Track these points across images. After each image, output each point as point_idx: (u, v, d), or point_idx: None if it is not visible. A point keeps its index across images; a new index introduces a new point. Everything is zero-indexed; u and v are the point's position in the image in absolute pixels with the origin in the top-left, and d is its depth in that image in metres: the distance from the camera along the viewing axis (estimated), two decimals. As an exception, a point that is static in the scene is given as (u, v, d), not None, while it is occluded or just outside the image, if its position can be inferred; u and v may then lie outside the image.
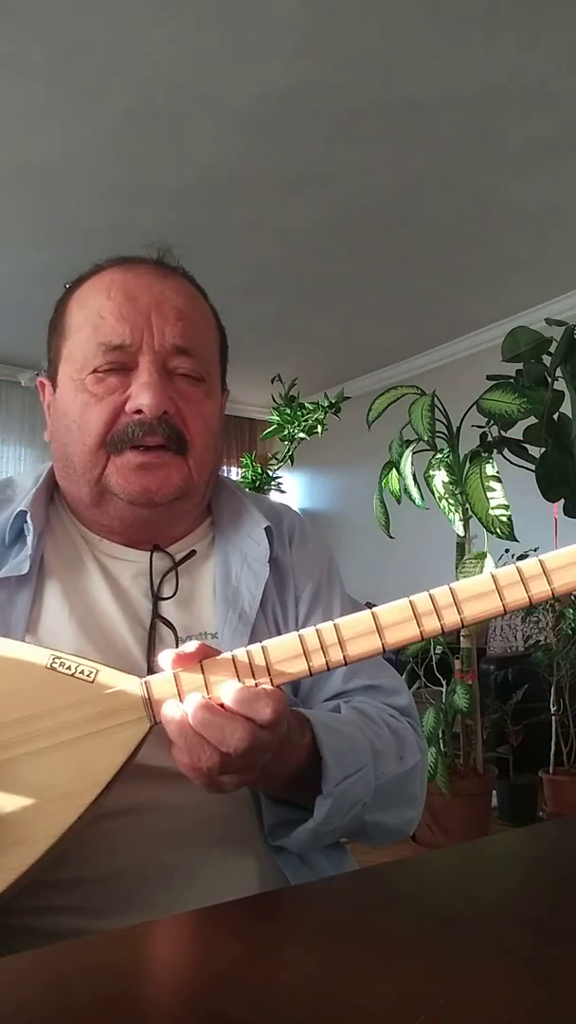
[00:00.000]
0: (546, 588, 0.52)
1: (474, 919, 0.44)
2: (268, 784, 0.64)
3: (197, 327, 0.75)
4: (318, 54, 2.44)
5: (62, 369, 0.75)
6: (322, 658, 0.52)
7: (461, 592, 0.53)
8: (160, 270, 0.77)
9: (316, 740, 0.63)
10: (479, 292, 4.26)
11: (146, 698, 0.52)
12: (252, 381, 5.53)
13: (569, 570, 0.52)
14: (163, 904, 0.65)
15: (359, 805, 0.66)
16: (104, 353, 0.71)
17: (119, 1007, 0.36)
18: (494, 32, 2.36)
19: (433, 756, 2.38)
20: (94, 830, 0.65)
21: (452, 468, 2.48)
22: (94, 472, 0.72)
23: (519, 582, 0.52)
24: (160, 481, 0.72)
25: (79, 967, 0.41)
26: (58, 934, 0.63)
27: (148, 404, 0.70)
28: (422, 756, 0.77)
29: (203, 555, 0.79)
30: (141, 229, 3.55)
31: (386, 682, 0.80)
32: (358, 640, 0.53)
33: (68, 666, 0.53)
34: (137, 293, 0.73)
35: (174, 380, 0.73)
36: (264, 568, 0.77)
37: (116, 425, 0.71)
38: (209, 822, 0.69)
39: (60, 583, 0.74)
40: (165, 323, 0.72)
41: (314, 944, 0.41)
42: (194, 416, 0.74)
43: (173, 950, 0.43)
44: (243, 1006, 0.35)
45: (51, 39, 2.33)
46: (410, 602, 0.53)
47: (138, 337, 0.71)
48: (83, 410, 0.72)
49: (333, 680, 0.78)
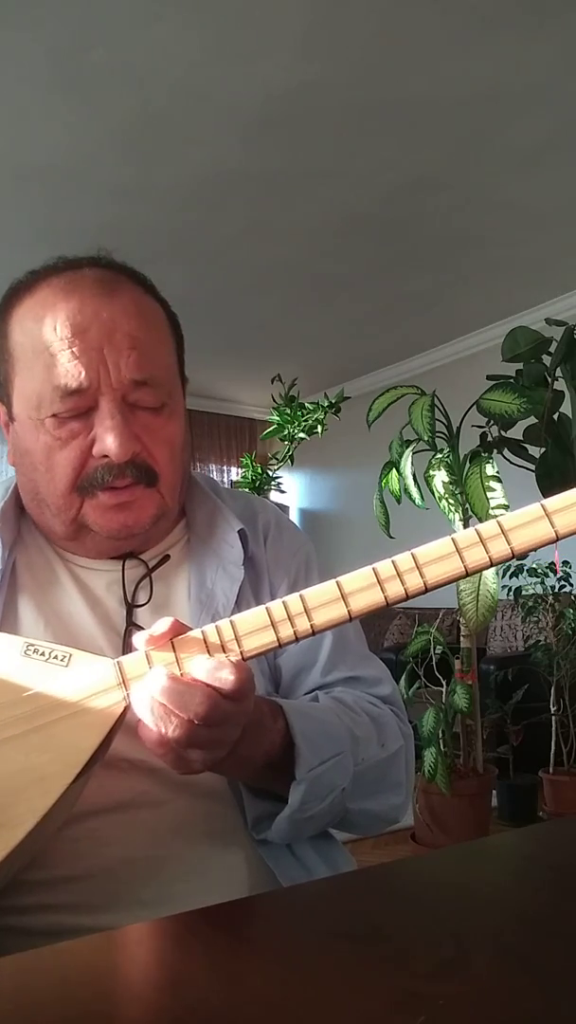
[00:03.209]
0: (506, 548, 0.52)
1: (474, 919, 0.44)
2: (243, 770, 0.64)
3: (151, 350, 0.71)
4: (318, 54, 2.44)
5: (16, 402, 0.72)
6: (289, 628, 0.53)
7: (422, 556, 0.53)
8: (104, 285, 0.71)
9: (289, 727, 0.63)
10: (479, 292, 4.27)
11: (120, 678, 0.53)
12: (252, 381, 5.54)
13: (526, 529, 0.53)
14: (152, 900, 0.66)
15: (337, 791, 0.66)
16: (62, 399, 0.68)
17: (119, 1007, 0.36)
18: (494, 32, 2.36)
19: (433, 756, 2.38)
20: (81, 827, 0.66)
21: (452, 468, 2.48)
22: (70, 512, 0.71)
23: (479, 543, 0.53)
24: (135, 517, 0.71)
25: (79, 967, 0.41)
26: (47, 932, 0.64)
27: (115, 451, 0.68)
28: (406, 741, 0.77)
29: (177, 559, 0.79)
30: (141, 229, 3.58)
31: (368, 673, 0.80)
32: (324, 608, 0.53)
33: (42, 652, 0.55)
34: (85, 324, 0.68)
35: (136, 413, 0.70)
36: (239, 570, 0.77)
37: (85, 469, 0.70)
38: (195, 817, 0.70)
39: (32, 597, 0.74)
40: (119, 356, 0.68)
41: (314, 944, 0.41)
42: (160, 446, 0.72)
43: (173, 950, 0.43)
44: (243, 1006, 0.35)
45: (51, 39, 2.33)
46: (373, 569, 0.54)
47: (94, 377, 0.68)
48: (47, 453, 0.70)
49: (313, 673, 0.78)
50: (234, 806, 0.71)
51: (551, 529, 0.52)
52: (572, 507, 0.52)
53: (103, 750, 0.54)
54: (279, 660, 0.79)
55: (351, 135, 2.87)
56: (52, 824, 0.53)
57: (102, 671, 0.54)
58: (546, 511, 0.52)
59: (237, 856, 0.70)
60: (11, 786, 0.51)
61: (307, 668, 0.78)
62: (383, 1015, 0.34)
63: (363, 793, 0.70)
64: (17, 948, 0.42)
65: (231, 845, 0.71)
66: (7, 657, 0.55)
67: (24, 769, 0.51)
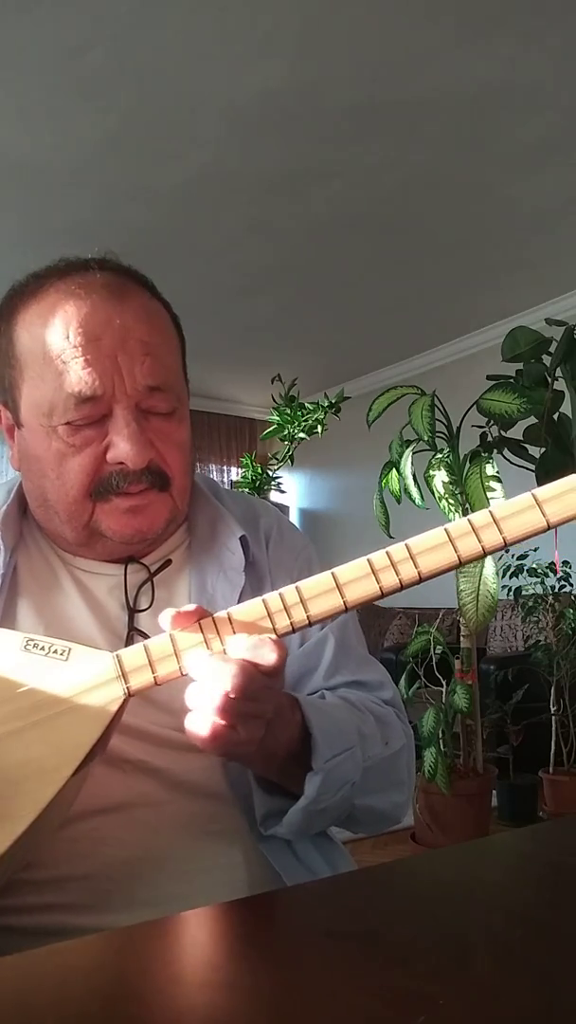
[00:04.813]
0: (498, 537, 0.53)
1: (474, 919, 0.44)
2: (266, 763, 0.65)
3: (163, 355, 0.72)
4: (317, 54, 2.44)
5: (25, 409, 0.72)
6: (286, 619, 0.54)
7: (416, 546, 0.54)
8: (114, 291, 0.70)
9: (305, 718, 0.64)
10: (479, 292, 4.27)
11: (119, 671, 0.54)
12: (252, 381, 5.54)
13: (517, 518, 0.53)
14: (152, 900, 0.66)
15: (348, 785, 0.66)
16: (76, 407, 0.68)
17: (119, 1007, 0.36)
18: (494, 32, 2.36)
19: (433, 756, 2.38)
20: (81, 827, 0.66)
21: (452, 468, 2.48)
22: (82, 519, 0.71)
23: (471, 532, 0.53)
24: (149, 522, 0.72)
25: (79, 967, 0.41)
26: (47, 932, 0.64)
27: (132, 458, 0.68)
28: (408, 741, 0.78)
29: (179, 564, 0.79)
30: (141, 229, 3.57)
31: (370, 677, 0.80)
32: (319, 599, 0.54)
33: (41, 646, 0.55)
34: (99, 332, 0.68)
35: (149, 419, 0.71)
36: (240, 576, 0.77)
37: (99, 474, 0.70)
38: (195, 817, 0.70)
39: (34, 601, 0.74)
40: (133, 363, 0.68)
41: (314, 944, 0.41)
42: (172, 450, 0.73)
43: (173, 950, 0.43)
44: (243, 1006, 0.35)
45: (51, 39, 2.33)
46: (368, 560, 0.54)
47: (108, 384, 0.68)
48: (59, 460, 0.70)
49: (315, 678, 0.78)
50: (234, 806, 0.71)
51: (542, 518, 0.53)
52: (562, 495, 0.53)
53: (103, 743, 0.54)
54: None
55: (351, 135, 2.87)
56: (53, 818, 0.53)
57: (101, 665, 0.54)
58: (537, 500, 0.53)
59: (237, 856, 0.71)
60: (12, 779, 0.51)
61: (310, 673, 0.78)
62: (383, 1015, 0.34)
63: (368, 790, 0.70)
64: (16, 948, 0.42)
65: (231, 845, 0.71)
66: (7, 652, 0.55)
67: (25, 762, 0.52)
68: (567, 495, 0.53)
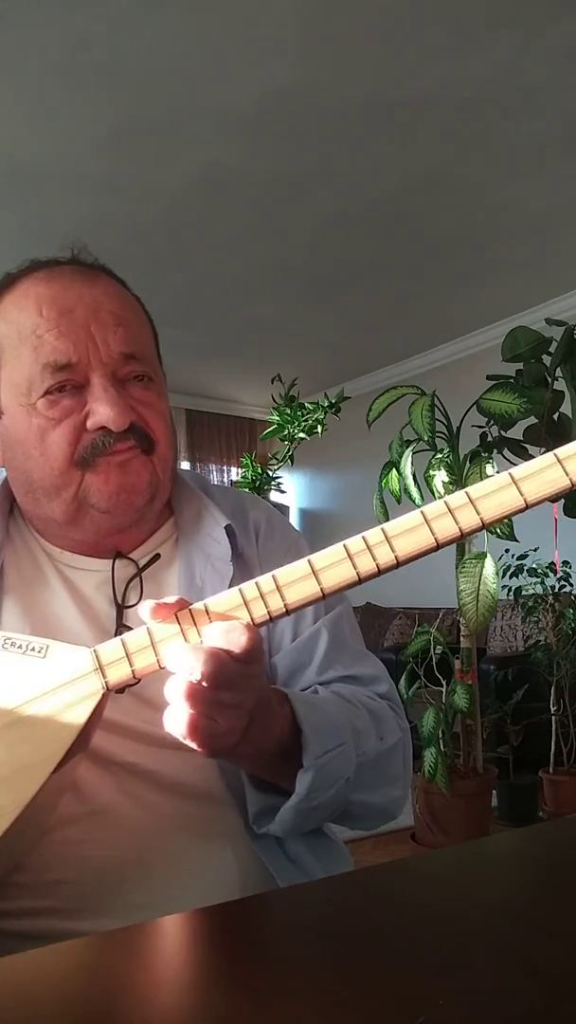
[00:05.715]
0: (475, 517, 0.52)
1: (474, 919, 0.44)
2: (255, 760, 0.64)
3: (135, 328, 0.73)
4: (318, 54, 2.44)
5: (5, 394, 0.72)
6: (263, 607, 0.53)
7: (392, 529, 0.53)
8: (84, 274, 0.73)
9: (295, 714, 0.63)
10: (479, 292, 4.27)
11: (96, 664, 0.54)
12: (252, 381, 5.55)
13: (494, 497, 0.52)
14: (143, 903, 0.66)
15: (341, 781, 0.66)
16: (52, 374, 0.68)
17: (119, 1007, 0.36)
18: (494, 32, 2.36)
19: (433, 756, 2.37)
20: (71, 830, 0.66)
21: (452, 468, 2.48)
22: (69, 490, 0.71)
23: (447, 513, 0.52)
24: (133, 480, 0.71)
25: (79, 967, 0.41)
26: (38, 936, 0.64)
27: (113, 419, 0.68)
28: (403, 735, 0.77)
29: (167, 558, 0.78)
30: (140, 229, 3.57)
31: (364, 671, 0.79)
32: (295, 586, 0.53)
33: (19, 645, 0.55)
34: (70, 305, 0.69)
35: (127, 387, 0.72)
36: (228, 567, 0.77)
37: (81, 443, 0.70)
38: (186, 819, 0.70)
39: (20, 599, 0.73)
40: (107, 332, 0.70)
41: (313, 944, 0.41)
42: (154, 416, 0.73)
43: (172, 950, 0.43)
44: (243, 1007, 0.35)
45: (50, 39, 2.33)
46: (344, 545, 0.53)
47: (83, 352, 0.69)
48: (41, 435, 0.70)
49: (309, 672, 0.77)
50: (225, 807, 0.71)
51: (519, 497, 0.51)
52: (539, 473, 0.51)
53: (84, 738, 0.54)
54: (274, 659, 0.78)
55: (351, 135, 2.87)
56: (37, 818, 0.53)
57: (79, 660, 0.54)
58: (513, 479, 0.52)
59: (228, 857, 0.70)
60: None
61: (303, 667, 0.77)
62: (383, 1015, 0.34)
63: (363, 785, 0.69)
64: (7, 953, 0.42)
65: (222, 847, 0.70)
66: None
67: (6, 760, 0.52)
68: (544, 472, 0.51)
